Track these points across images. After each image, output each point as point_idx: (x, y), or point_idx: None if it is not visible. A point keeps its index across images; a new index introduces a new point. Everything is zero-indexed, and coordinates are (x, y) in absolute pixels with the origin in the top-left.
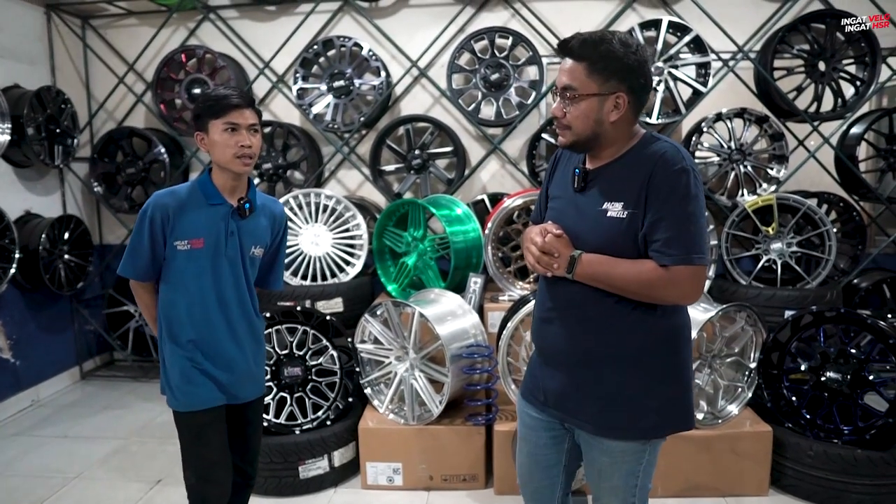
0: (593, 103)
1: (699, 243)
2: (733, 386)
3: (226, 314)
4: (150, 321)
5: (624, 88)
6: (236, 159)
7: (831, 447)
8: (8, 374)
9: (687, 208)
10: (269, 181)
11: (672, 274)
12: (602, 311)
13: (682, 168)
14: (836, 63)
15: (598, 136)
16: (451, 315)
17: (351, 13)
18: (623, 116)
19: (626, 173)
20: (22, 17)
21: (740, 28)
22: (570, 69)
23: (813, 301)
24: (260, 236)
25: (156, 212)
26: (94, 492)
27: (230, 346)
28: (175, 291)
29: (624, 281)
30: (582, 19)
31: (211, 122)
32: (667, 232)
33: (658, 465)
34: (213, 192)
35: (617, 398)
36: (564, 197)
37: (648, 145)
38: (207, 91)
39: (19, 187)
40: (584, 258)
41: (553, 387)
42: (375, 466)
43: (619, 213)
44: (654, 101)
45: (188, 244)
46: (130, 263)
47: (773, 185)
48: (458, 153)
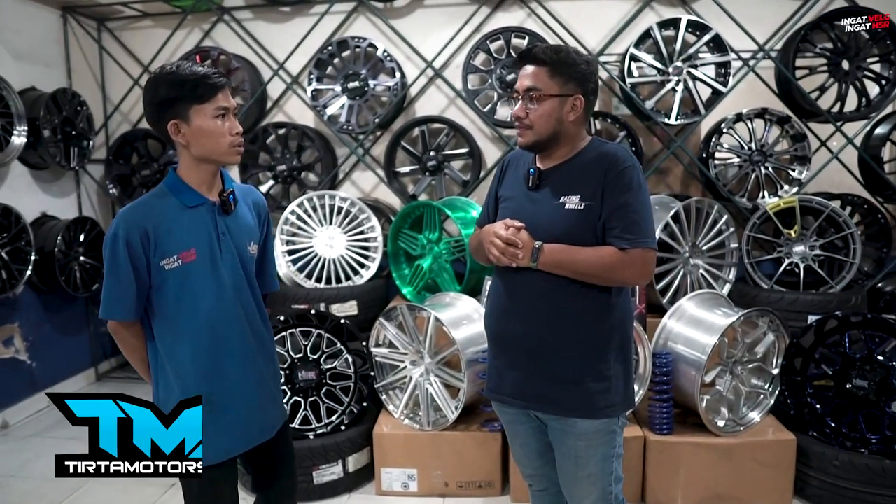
0: (555, 103)
1: (651, 229)
2: (755, 392)
3: (237, 338)
4: (141, 368)
5: (580, 91)
6: (232, 149)
7: (858, 457)
8: (24, 375)
9: (639, 199)
10: (283, 183)
11: (630, 256)
12: (565, 299)
13: (632, 165)
14: (860, 61)
15: (558, 135)
16: (467, 319)
17: (366, 14)
18: (579, 117)
19: (580, 171)
20: (38, 20)
21: (761, 26)
22: (533, 73)
23: (837, 305)
24: (251, 230)
25: (131, 233)
26: (108, 495)
27: (247, 379)
28: (174, 330)
29: (586, 265)
30: (599, 18)
31: (195, 107)
32: (624, 220)
33: (678, 472)
34: (190, 192)
35: (583, 379)
36: (518, 196)
37: (598, 148)
38: (172, 69)
39: (35, 189)
40: (546, 247)
41: (515, 378)
42: (390, 472)
43: (576, 205)
44: (674, 102)
45: (178, 260)
46: (115, 302)
47: (794, 186)
48: (474, 154)
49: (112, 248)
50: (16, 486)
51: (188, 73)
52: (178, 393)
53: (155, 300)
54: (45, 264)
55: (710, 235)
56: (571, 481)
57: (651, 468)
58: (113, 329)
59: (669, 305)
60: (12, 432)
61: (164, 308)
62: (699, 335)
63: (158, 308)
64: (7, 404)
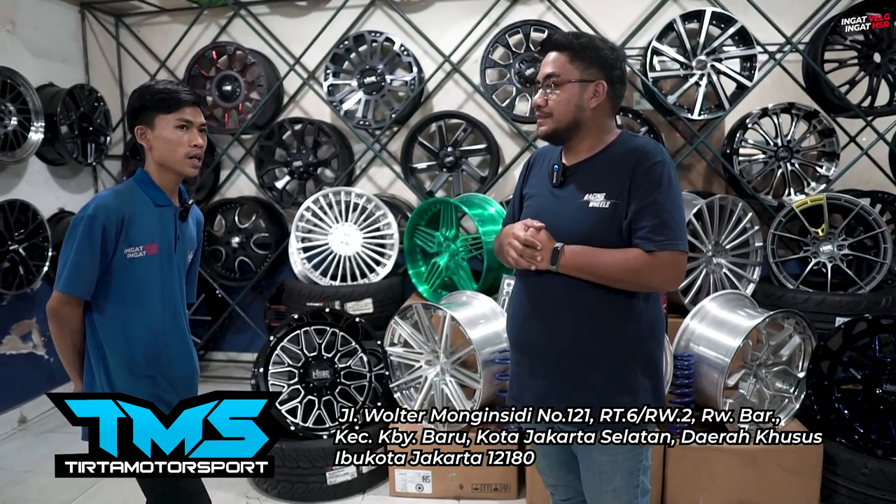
0: (575, 89)
1: (681, 230)
2: (780, 396)
3: (178, 326)
4: (70, 354)
5: (603, 77)
6: (188, 160)
7: (888, 465)
8: (42, 370)
9: (669, 197)
10: (299, 179)
11: (658, 259)
12: (587, 303)
13: (662, 161)
14: (893, 54)
15: (578, 123)
16: (484, 318)
17: (382, 8)
18: (601, 105)
19: (607, 167)
20: (56, 17)
21: (788, 18)
22: (553, 59)
23: (866, 307)
24: (192, 241)
25: (110, 217)
26: (122, 492)
27: (185, 364)
28: (128, 306)
29: (610, 269)
30: (620, 11)
31: (159, 116)
32: (652, 219)
33: (700, 478)
34: (159, 192)
35: (609, 390)
36: (542, 194)
37: (627, 142)
38: (150, 83)
39: (53, 185)
40: (567, 249)
41: (537, 387)
42: (404, 474)
43: (601, 204)
44: (697, 96)
45: (143, 251)
46: (78, 279)
47: (822, 183)
48: (492, 150)
49: (88, 227)
50: (32, 481)
51: (162, 87)
52: (116, 374)
53: (108, 284)
54: None
55: (734, 234)
56: (596, 495)
57: (671, 473)
58: (57, 307)
59: (692, 306)
60: (30, 427)
61: (117, 292)
62: (722, 337)
63: (109, 292)
64: (25, 399)
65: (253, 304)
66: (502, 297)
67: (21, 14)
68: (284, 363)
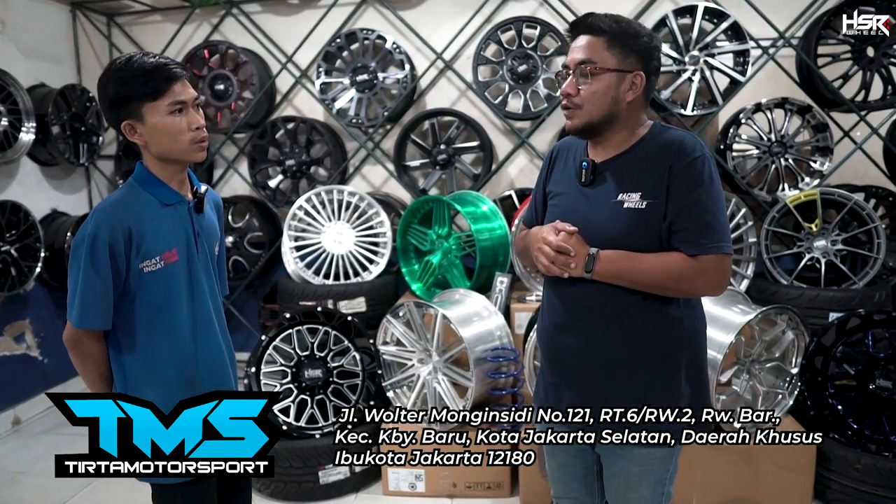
0: (612, 80)
1: (726, 232)
2: (773, 392)
3: (212, 334)
4: (98, 383)
5: (641, 67)
6: (193, 145)
7: (881, 461)
8: (36, 371)
9: (712, 196)
10: (292, 178)
11: (701, 264)
12: (625, 311)
13: (702, 156)
14: (886, 48)
15: (612, 118)
16: (477, 316)
17: (374, 5)
18: (638, 99)
19: (641, 163)
20: (48, 17)
21: (781, 13)
22: (587, 44)
23: (860, 302)
24: (215, 231)
25: (114, 233)
26: (115, 493)
27: (223, 373)
28: (155, 332)
29: (650, 275)
30: (613, 7)
31: (146, 105)
32: (694, 221)
33: (693, 476)
34: (165, 188)
35: (647, 399)
36: (570, 193)
37: (662, 134)
38: (122, 63)
39: (45, 186)
40: (602, 255)
41: (570, 398)
42: (397, 472)
43: (637, 204)
44: (690, 92)
45: (160, 262)
46: (92, 310)
47: (815, 178)
48: (485, 148)
49: (91, 249)
50: (25, 482)
51: (136, 68)
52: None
53: (126, 306)
54: (56, 261)
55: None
56: (621, 501)
57: None
58: (75, 339)
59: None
60: (24, 429)
61: (140, 315)
62: (715, 333)
63: (131, 315)
64: (19, 401)
65: (247, 303)
66: (495, 294)
67: (12, 14)
68: (277, 362)
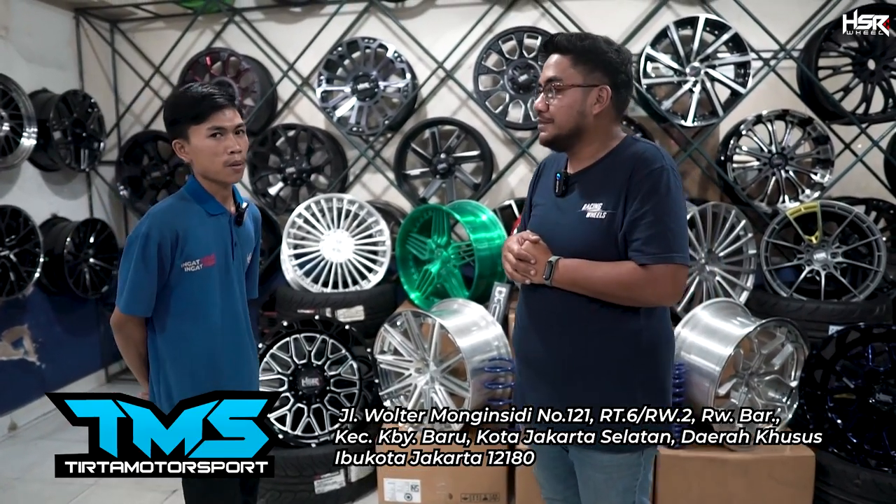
0: (577, 94)
1: (679, 242)
2: (772, 406)
3: (239, 333)
4: (138, 364)
5: (607, 82)
6: (227, 168)
7: (881, 476)
8: (33, 377)
9: (666, 206)
10: (292, 185)
11: (652, 273)
12: (582, 319)
13: (661, 167)
14: (887, 61)
15: (581, 129)
16: (475, 326)
17: (376, 14)
18: (605, 111)
19: (606, 175)
20: (51, 22)
21: (783, 25)
22: (555, 62)
23: (860, 316)
24: (251, 242)
25: (164, 234)
26: (110, 499)
27: (246, 371)
28: (187, 321)
29: (603, 283)
30: (614, 18)
31: (191, 127)
32: (646, 231)
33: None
34: (212, 202)
35: (599, 408)
36: (546, 203)
37: (628, 148)
38: (181, 91)
39: (46, 191)
40: (561, 263)
41: (535, 400)
42: (393, 483)
43: (597, 214)
44: (691, 103)
45: (199, 264)
46: (138, 299)
47: (816, 190)
48: (485, 157)
49: (144, 245)
50: (20, 488)
51: (189, 94)
52: (178, 389)
53: (166, 299)
54: (55, 266)
55: (728, 241)
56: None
57: (662, 483)
58: (121, 323)
59: (683, 314)
60: (20, 434)
61: (176, 307)
62: (714, 345)
63: (170, 306)
64: (16, 406)
65: None
66: (493, 304)
67: (15, 19)
68: (274, 370)
